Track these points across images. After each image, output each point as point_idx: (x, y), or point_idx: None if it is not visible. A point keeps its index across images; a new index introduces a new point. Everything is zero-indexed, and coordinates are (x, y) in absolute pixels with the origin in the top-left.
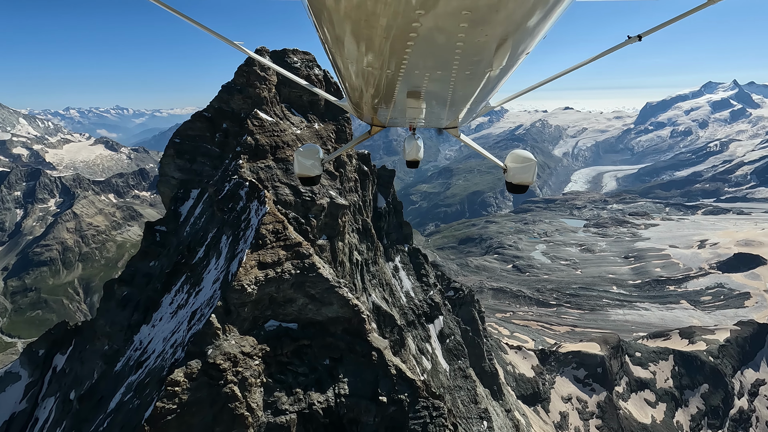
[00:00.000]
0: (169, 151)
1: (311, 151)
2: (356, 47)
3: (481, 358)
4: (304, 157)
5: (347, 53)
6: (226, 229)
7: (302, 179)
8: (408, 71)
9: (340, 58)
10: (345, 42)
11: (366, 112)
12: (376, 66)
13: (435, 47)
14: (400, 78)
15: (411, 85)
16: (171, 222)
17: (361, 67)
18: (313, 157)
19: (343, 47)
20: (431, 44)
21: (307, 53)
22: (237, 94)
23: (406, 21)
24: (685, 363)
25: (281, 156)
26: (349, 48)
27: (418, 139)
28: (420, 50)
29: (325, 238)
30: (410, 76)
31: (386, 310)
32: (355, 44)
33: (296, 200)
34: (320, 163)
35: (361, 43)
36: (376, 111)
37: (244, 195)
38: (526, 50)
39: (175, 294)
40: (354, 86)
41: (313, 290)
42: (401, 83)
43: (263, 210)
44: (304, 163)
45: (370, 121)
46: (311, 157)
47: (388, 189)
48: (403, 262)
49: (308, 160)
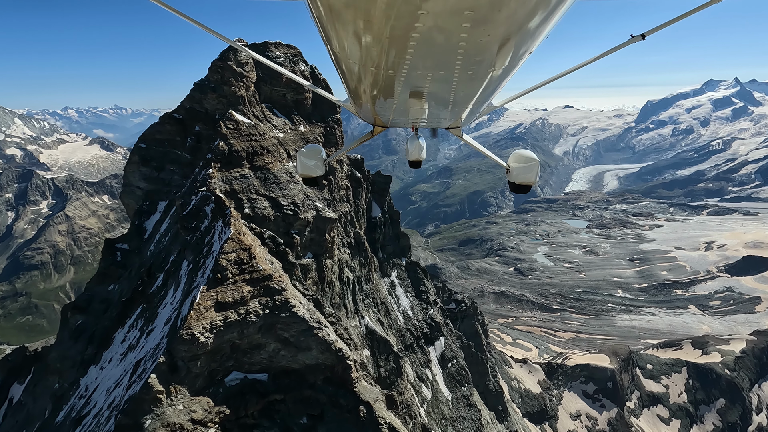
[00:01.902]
0: (134, 157)
1: (314, 151)
2: (358, 47)
3: (485, 375)
4: (306, 158)
5: (349, 53)
6: (188, 253)
7: (305, 180)
8: (410, 71)
9: (342, 58)
10: (347, 42)
11: (368, 112)
12: (378, 66)
13: (437, 47)
14: (402, 78)
15: (413, 85)
16: (134, 239)
17: (364, 68)
18: (316, 158)
19: (346, 47)
20: (433, 44)
21: (292, 47)
22: (210, 92)
23: (409, 21)
24: (700, 376)
25: (260, 163)
26: (352, 48)
27: (420, 139)
28: (422, 50)
29: (310, 256)
30: (412, 76)
31: (381, 335)
32: (358, 44)
33: (276, 215)
34: (323, 164)
35: (363, 43)
36: (378, 111)
37: (209, 212)
38: (528, 50)
39: (128, 329)
40: (356, 86)
41: (286, 333)
42: (403, 83)
43: (227, 233)
44: (306, 163)
45: (373, 121)
46: (314, 157)
47: (384, 197)
48: (400, 277)
49: (311, 161)
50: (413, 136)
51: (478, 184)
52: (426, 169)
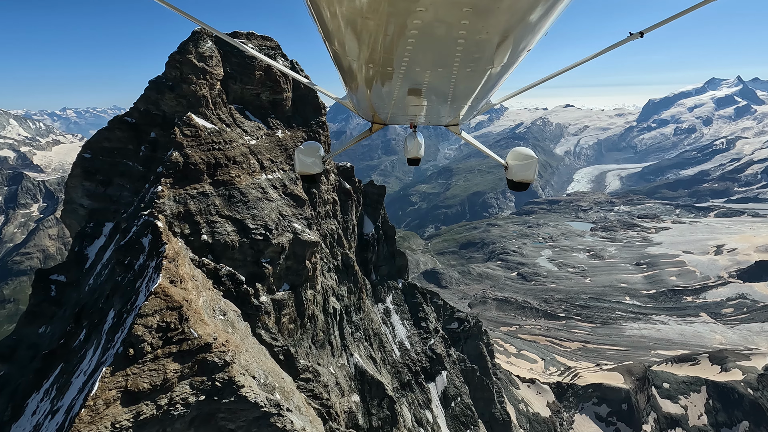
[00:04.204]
0: (76, 170)
1: (312, 148)
2: (357, 44)
3: (491, 402)
4: (305, 155)
5: (348, 50)
6: (117, 300)
7: (303, 177)
8: (409, 68)
9: (341, 55)
10: (345, 38)
11: (367, 109)
12: (377, 63)
13: (436, 44)
14: (401, 75)
15: (412, 82)
16: (73, 269)
17: (362, 64)
18: (314, 155)
19: (344, 44)
20: (432, 41)
21: (268, 39)
22: (168, 92)
23: (407, 18)
24: (721, 396)
25: (223, 178)
26: (350, 45)
27: (419, 136)
28: (421, 47)
29: (286, 288)
30: (411, 73)
31: (373, 375)
32: (356, 41)
33: (242, 240)
34: (321, 161)
35: (361, 39)
36: (377, 108)
37: (147, 245)
38: (527, 47)
39: (43, 396)
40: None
41: (232, 424)
42: (402, 80)
43: (155, 282)
44: (305, 160)
45: (371, 119)
46: (312, 154)
47: (378, 210)
48: (396, 303)
49: (309, 158)
50: (412, 133)
51: (478, 184)
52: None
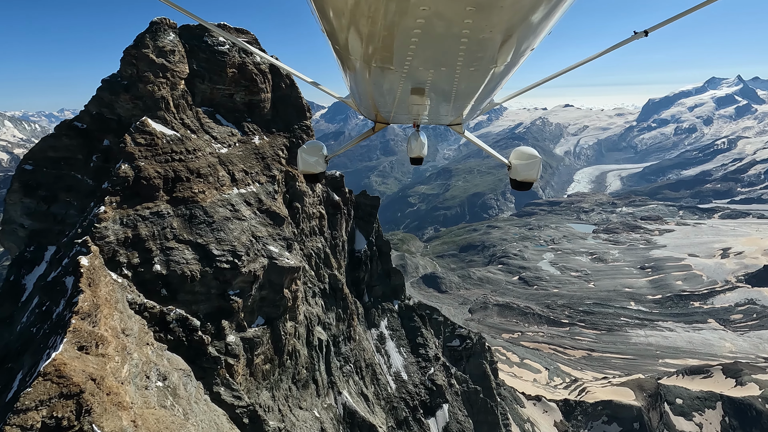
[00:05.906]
0: (15, 184)
1: (315, 147)
2: (359, 42)
3: (496, 426)
4: (308, 154)
5: (351, 48)
6: (27, 358)
7: (306, 176)
8: (412, 67)
9: (343, 53)
10: (348, 37)
11: (369, 108)
12: (380, 61)
13: (439, 42)
14: (404, 74)
15: (415, 81)
16: (6, 302)
17: (365, 63)
18: (317, 154)
19: (347, 42)
20: (435, 39)
21: (244, 31)
22: (123, 92)
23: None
24: (737, 412)
25: (184, 194)
26: (353, 43)
27: (422, 135)
28: (424, 45)
29: (261, 323)
30: (414, 72)
31: (364, 417)
32: (359, 39)
33: (204, 270)
34: (324, 160)
35: (364, 37)
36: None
37: (70, 287)
38: (531, 46)
39: None
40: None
41: None
42: (405, 79)
43: (56, 349)
44: (308, 159)
45: (374, 118)
46: (315, 153)
47: (371, 224)
48: (391, 327)
49: (312, 157)
50: (415, 132)
51: (478, 185)
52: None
